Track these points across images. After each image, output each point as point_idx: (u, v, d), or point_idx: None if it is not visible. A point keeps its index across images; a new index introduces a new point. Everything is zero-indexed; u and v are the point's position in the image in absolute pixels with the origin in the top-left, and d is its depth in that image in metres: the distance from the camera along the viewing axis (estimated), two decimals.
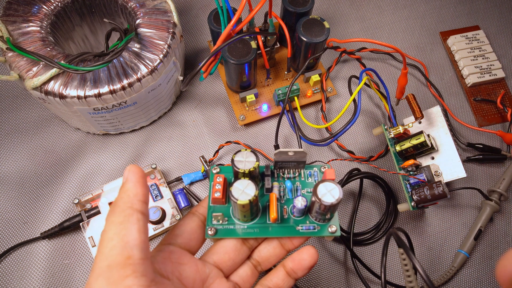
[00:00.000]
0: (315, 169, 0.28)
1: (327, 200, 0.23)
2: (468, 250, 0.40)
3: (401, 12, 0.54)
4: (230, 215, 0.27)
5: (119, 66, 0.36)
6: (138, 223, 0.21)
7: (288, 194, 0.28)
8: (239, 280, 0.27)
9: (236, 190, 0.24)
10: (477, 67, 0.48)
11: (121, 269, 0.19)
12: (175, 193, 0.41)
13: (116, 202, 0.22)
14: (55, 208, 0.40)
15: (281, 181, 0.28)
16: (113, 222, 0.21)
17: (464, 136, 0.47)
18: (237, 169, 0.25)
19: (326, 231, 0.26)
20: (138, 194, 0.22)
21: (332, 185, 0.24)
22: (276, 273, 0.27)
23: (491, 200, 0.41)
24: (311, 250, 0.26)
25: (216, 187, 0.26)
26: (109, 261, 0.20)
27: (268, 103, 0.45)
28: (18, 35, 0.36)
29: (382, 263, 0.27)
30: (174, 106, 0.46)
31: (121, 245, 0.20)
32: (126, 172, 0.23)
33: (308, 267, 0.26)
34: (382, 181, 0.42)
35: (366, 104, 0.48)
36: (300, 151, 0.25)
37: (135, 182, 0.22)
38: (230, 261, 0.26)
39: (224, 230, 0.26)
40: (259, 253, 0.27)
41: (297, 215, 0.27)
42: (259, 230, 0.26)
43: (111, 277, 0.19)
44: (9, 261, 0.38)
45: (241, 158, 0.25)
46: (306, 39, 0.40)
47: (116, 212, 0.21)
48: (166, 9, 0.39)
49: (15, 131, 0.44)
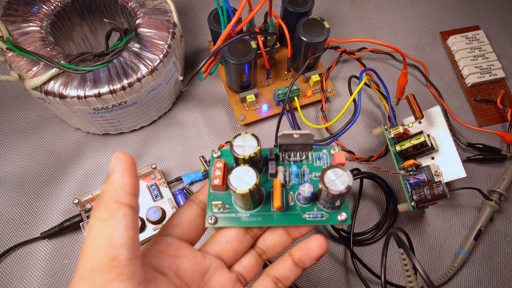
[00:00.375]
0: (324, 151, 0.26)
1: (336, 188, 0.21)
2: (468, 250, 0.40)
3: (401, 12, 0.54)
4: (231, 202, 0.25)
5: (119, 66, 0.36)
6: (125, 219, 0.19)
7: (294, 179, 0.25)
8: (243, 270, 0.25)
9: (234, 178, 0.22)
10: (477, 67, 0.48)
11: (105, 272, 0.18)
12: (175, 193, 0.41)
13: (101, 196, 0.20)
14: (55, 208, 0.40)
15: (287, 165, 0.26)
16: (97, 218, 0.19)
17: (464, 136, 0.47)
18: (236, 154, 0.23)
19: (335, 219, 0.24)
20: (126, 185, 0.20)
21: (341, 171, 0.22)
22: (283, 262, 0.25)
23: (491, 200, 0.41)
24: (319, 239, 0.24)
25: (215, 173, 0.23)
26: (92, 264, 0.18)
27: (268, 103, 0.45)
28: (18, 35, 0.36)
29: (382, 263, 0.26)
30: (174, 106, 0.46)
31: (106, 244, 0.18)
32: (113, 161, 0.20)
33: (317, 257, 0.24)
34: (382, 181, 0.42)
35: (366, 104, 0.48)
36: (307, 133, 0.23)
37: (122, 172, 0.20)
38: (233, 251, 0.25)
39: (225, 218, 0.24)
40: (263, 241, 0.26)
41: (303, 202, 0.25)
42: (263, 219, 0.24)
43: (94, 282, 0.18)
44: (9, 261, 0.38)
45: (241, 143, 0.23)
46: (306, 39, 0.40)
47: (101, 207, 0.19)
48: (166, 9, 0.39)
49: (15, 131, 0.44)
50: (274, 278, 0.25)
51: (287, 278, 0.25)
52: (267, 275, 0.25)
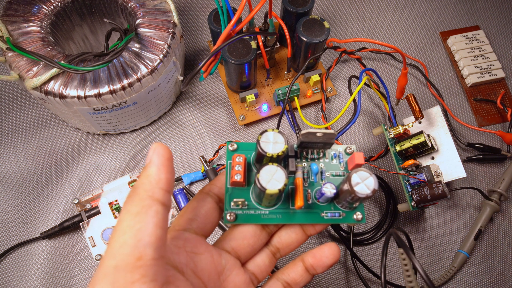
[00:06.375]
0: (339, 150, 0.26)
1: (362, 192, 0.22)
2: (468, 250, 0.40)
3: (401, 12, 0.54)
4: (250, 199, 0.24)
5: (119, 66, 0.36)
6: (156, 216, 0.18)
7: (313, 178, 0.25)
8: (256, 269, 0.25)
9: (264, 177, 0.21)
10: (477, 67, 0.48)
11: (129, 272, 0.17)
12: (175, 193, 0.41)
13: (136, 189, 0.19)
14: (55, 208, 0.40)
15: (304, 162, 0.25)
16: (128, 211, 0.18)
17: (464, 136, 0.47)
18: (264, 152, 0.22)
19: (351, 219, 0.25)
20: (161, 181, 0.19)
21: (366, 174, 0.22)
22: (295, 267, 0.25)
23: (491, 200, 0.41)
24: (333, 247, 0.24)
25: (236, 168, 0.23)
26: (117, 261, 0.17)
27: (268, 103, 0.45)
28: (18, 35, 0.36)
29: (382, 263, 0.26)
30: (174, 106, 0.46)
31: (133, 242, 0.18)
32: (151, 152, 0.19)
33: (330, 265, 0.24)
34: (382, 181, 0.42)
35: (366, 104, 0.48)
36: (330, 132, 0.23)
37: (159, 166, 0.19)
38: (249, 247, 0.24)
39: (244, 215, 0.24)
40: (279, 238, 0.25)
41: (322, 201, 0.25)
42: (282, 216, 0.24)
43: (116, 281, 0.17)
44: (9, 261, 0.38)
45: (269, 140, 0.22)
46: (306, 39, 0.40)
47: (134, 200, 0.19)
48: (166, 9, 0.39)
49: (15, 131, 0.44)
50: (284, 282, 0.25)
51: (297, 284, 0.25)
52: (277, 279, 0.25)
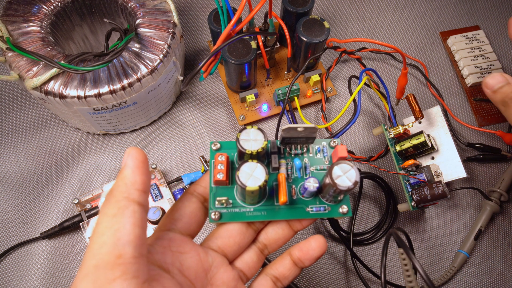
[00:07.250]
0: (323, 144, 0.26)
1: (344, 184, 0.22)
2: (468, 250, 0.40)
3: (401, 12, 0.54)
4: (234, 197, 0.24)
5: (119, 66, 0.36)
6: (133, 216, 0.19)
7: (296, 173, 0.26)
8: (244, 266, 0.25)
9: (244, 174, 0.21)
10: (477, 67, 0.48)
11: (109, 270, 0.18)
12: (175, 193, 0.41)
13: (112, 192, 0.20)
14: (55, 208, 0.40)
15: (288, 158, 0.26)
16: (105, 214, 0.19)
17: (464, 136, 0.47)
18: (243, 149, 0.22)
19: (337, 212, 0.25)
20: (137, 182, 0.20)
21: (347, 167, 0.22)
22: (282, 261, 0.25)
23: (491, 200, 0.41)
24: (319, 239, 0.25)
25: (218, 167, 0.23)
26: (97, 260, 0.18)
27: (268, 103, 0.45)
28: (18, 35, 0.36)
29: (382, 263, 0.26)
30: (174, 106, 0.46)
31: (112, 241, 0.18)
32: (126, 156, 0.20)
33: (317, 257, 0.25)
34: (382, 181, 0.42)
35: (366, 104, 0.48)
36: (311, 126, 0.23)
37: (134, 168, 0.20)
38: (236, 245, 0.25)
39: (229, 214, 0.24)
40: (266, 235, 0.26)
41: (306, 196, 0.25)
42: (267, 213, 0.24)
43: (97, 279, 0.17)
44: (9, 261, 0.38)
45: (248, 137, 0.23)
46: (306, 39, 0.40)
47: (110, 203, 0.19)
48: (166, 9, 0.39)
49: (15, 131, 0.44)
50: (273, 277, 0.25)
51: (286, 278, 0.25)
52: (266, 274, 0.25)
